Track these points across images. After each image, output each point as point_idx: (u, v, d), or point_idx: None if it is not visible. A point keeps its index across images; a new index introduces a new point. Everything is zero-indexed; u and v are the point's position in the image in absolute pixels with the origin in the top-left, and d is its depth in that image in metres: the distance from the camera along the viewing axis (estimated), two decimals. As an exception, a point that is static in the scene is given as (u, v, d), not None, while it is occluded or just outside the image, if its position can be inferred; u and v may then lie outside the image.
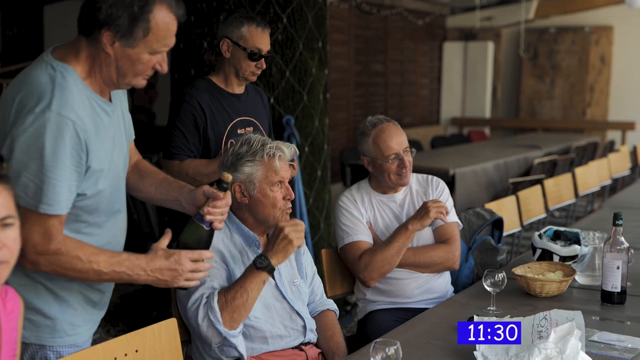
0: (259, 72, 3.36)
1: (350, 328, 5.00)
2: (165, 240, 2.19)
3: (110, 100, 2.22)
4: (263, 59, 3.33)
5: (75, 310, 2.24)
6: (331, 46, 8.30)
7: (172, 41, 2.12)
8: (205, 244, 2.22)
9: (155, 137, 7.25)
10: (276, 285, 2.68)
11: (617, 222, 2.88)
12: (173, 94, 5.24)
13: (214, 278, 2.52)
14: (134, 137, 2.46)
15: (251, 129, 3.39)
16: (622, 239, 2.88)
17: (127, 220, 2.40)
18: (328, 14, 5.39)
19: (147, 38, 2.06)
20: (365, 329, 3.22)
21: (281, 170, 2.63)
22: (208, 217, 2.19)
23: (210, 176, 3.07)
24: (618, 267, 2.86)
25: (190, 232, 2.21)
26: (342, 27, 9.44)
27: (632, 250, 3.26)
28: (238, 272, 2.59)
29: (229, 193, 2.26)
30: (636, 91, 11.40)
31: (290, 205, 2.69)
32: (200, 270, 2.19)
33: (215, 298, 2.46)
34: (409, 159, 3.23)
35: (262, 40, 3.30)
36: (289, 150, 2.67)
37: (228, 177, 2.22)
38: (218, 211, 2.21)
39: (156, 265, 2.14)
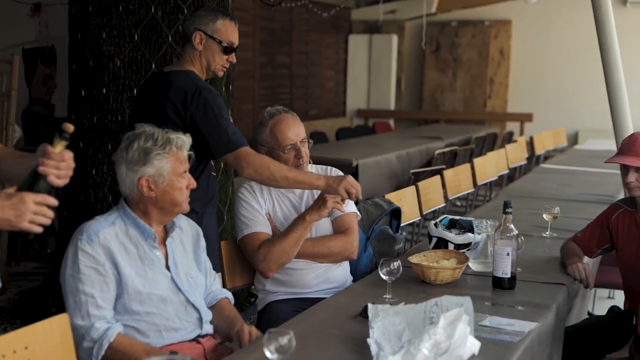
0: (227, 65, 3.39)
1: (253, 319, 5.00)
2: (13, 187, 2.14)
3: None
4: (234, 53, 3.37)
5: None
6: (235, 38, 8.25)
7: None
8: (46, 192, 2.13)
9: (54, 129, 7.07)
10: (172, 277, 2.66)
11: (506, 210, 2.97)
12: (71, 85, 5.11)
13: (95, 289, 2.52)
14: None
15: None
16: (512, 226, 2.97)
17: None
18: (231, 5, 5.35)
19: None
20: (264, 320, 3.24)
21: (185, 161, 2.65)
22: (41, 169, 2.09)
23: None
24: (508, 254, 2.95)
25: (29, 180, 2.11)
26: (246, 19, 9.39)
27: (522, 237, 3.37)
28: (133, 266, 2.58)
29: (70, 153, 2.14)
30: (534, 84, 11.78)
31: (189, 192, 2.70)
32: (45, 215, 2.13)
33: (112, 338, 2.48)
34: (305, 150, 3.27)
35: (234, 34, 3.38)
36: (188, 140, 2.68)
37: (69, 127, 2.12)
38: (52, 163, 2.11)
39: None
